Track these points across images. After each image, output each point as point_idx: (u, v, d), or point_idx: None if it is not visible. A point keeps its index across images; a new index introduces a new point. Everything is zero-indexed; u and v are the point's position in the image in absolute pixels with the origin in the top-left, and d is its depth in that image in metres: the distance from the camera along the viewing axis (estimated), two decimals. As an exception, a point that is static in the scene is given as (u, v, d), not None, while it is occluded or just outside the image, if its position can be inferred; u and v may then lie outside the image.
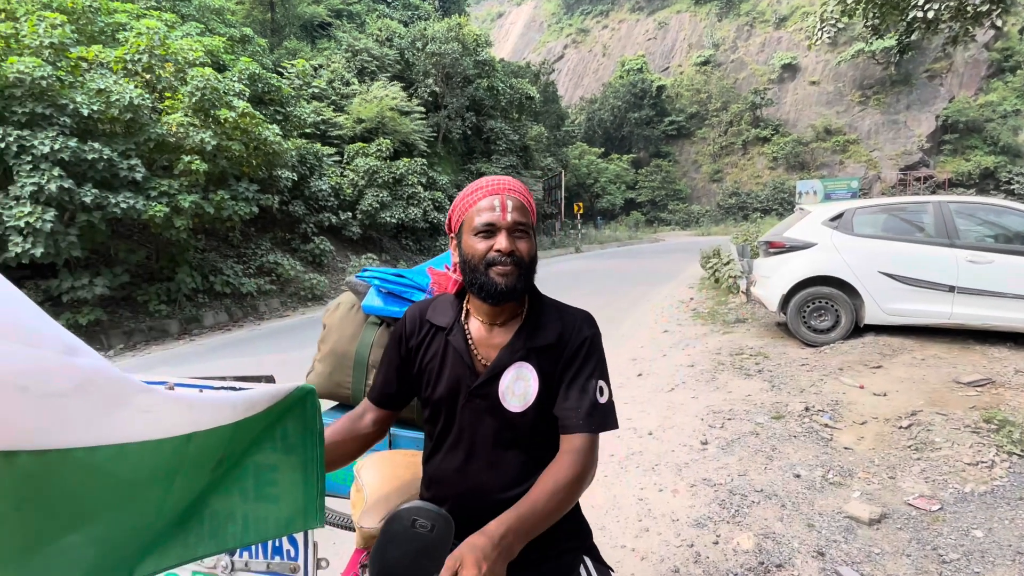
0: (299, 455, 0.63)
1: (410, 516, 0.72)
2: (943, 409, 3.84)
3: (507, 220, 1.06)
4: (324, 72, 18.88)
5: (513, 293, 1.06)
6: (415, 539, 0.71)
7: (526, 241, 1.08)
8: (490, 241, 1.06)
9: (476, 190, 1.10)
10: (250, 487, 0.63)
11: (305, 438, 0.63)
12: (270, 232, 13.26)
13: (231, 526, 0.62)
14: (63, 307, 7.83)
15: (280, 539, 0.72)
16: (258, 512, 0.62)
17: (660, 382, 5.15)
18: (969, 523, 2.56)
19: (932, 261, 5.40)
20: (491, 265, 1.05)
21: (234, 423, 0.57)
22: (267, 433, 0.62)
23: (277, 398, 0.59)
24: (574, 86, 64.87)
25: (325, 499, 0.65)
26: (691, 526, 2.74)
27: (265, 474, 0.63)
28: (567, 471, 0.97)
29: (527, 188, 1.15)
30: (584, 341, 1.11)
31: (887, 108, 47.00)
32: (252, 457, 0.62)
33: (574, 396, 1.06)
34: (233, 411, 0.57)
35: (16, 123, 7.06)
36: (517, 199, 1.09)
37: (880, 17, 7.84)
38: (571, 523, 1.19)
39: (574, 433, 1.03)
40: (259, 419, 0.59)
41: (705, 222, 45.69)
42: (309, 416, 0.63)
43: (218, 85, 9.05)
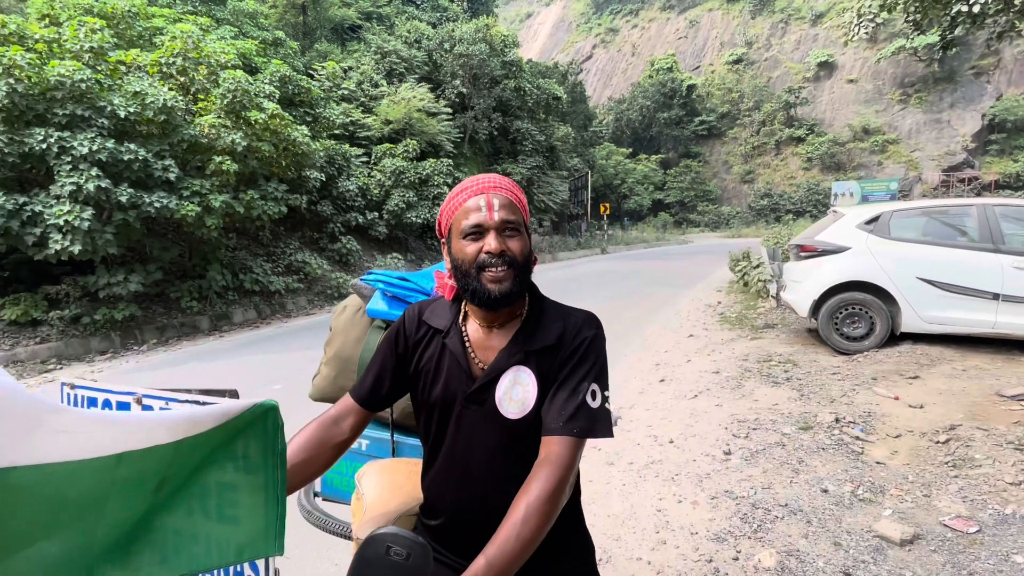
0: (260, 476, 0.60)
1: (384, 543, 0.68)
2: (984, 424, 3.64)
3: (495, 219, 1.00)
4: (353, 74, 19.14)
5: (509, 298, 1.01)
6: (389, 567, 0.68)
7: (518, 240, 1.02)
8: (479, 243, 1.01)
9: (461, 191, 1.05)
10: (212, 507, 0.60)
11: (266, 458, 0.60)
12: (299, 231, 13.49)
13: (193, 547, 0.59)
14: (100, 303, 8.09)
15: (241, 565, 0.69)
16: (220, 534, 0.60)
17: (683, 388, 5.03)
18: (1009, 547, 2.40)
19: (975, 267, 5.15)
20: (482, 269, 1.00)
21: (173, 443, 0.54)
22: (226, 451, 0.59)
23: (226, 417, 0.56)
24: (602, 86, 64.43)
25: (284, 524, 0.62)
26: (710, 540, 2.64)
27: (227, 494, 0.60)
28: (540, 487, 0.89)
29: (516, 184, 1.09)
30: (583, 342, 1.04)
31: (929, 107, 45.35)
32: (212, 475, 0.59)
33: (562, 397, 1.00)
34: (169, 430, 0.54)
35: (57, 124, 7.32)
36: (504, 196, 1.03)
37: (922, 12, 7.51)
38: (572, 539, 1.13)
39: (553, 435, 0.96)
40: (208, 438, 0.56)
41: (735, 224, 44.86)
42: (270, 435, 0.60)
43: (249, 87, 9.22)
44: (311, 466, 1.04)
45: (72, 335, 7.69)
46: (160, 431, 0.54)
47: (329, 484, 1.56)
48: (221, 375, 6.19)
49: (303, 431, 1.07)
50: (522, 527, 0.84)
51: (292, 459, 1.01)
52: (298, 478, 1.02)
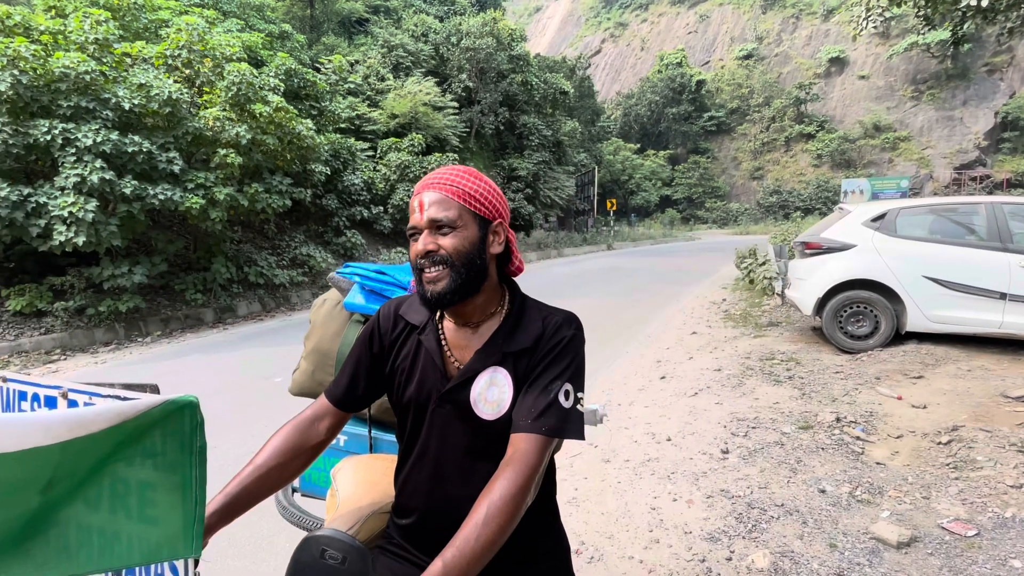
0: (177, 475, 0.57)
1: (319, 545, 0.65)
2: (988, 425, 3.58)
3: (423, 220, 0.98)
4: (360, 67, 19.11)
5: (444, 298, 0.98)
6: (324, 571, 0.65)
7: (452, 236, 0.97)
8: (416, 245, 1.00)
9: (414, 194, 1.03)
10: (133, 505, 0.57)
11: (183, 456, 0.57)
12: (303, 225, 13.51)
13: (115, 545, 0.57)
14: (104, 294, 8.13)
15: (162, 567, 0.66)
16: (141, 533, 0.57)
17: (684, 386, 4.99)
18: (1008, 552, 2.36)
19: (982, 266, 5.07)
20: (421, 270, 0.99)
21: (58, 444, 0.51)
22: (138, 447, 0.56)
23: (126, 416, 0.53)
24: (611, 81, 64.07)
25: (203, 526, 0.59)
26: (704, 540, 2.61)
27: (146, 493, 0.57)
28: (503, 487, 0.86)
29: (470, 173, 1.02)
30: (561, 341, 1.01)
31: (942, 104, 44.79)
32: (130, 473, 0.57)
33: (533, 394, 0.97)
34: (47, 433, 0.51)
35: (62, 116, 7.34)
36: (437, 192, 0.98)
37: (931, 6, 7.36)
38: (548, 540, 1.11)
39: (521, 433, 0.93)
40: (104, 437, 0.53)
41: (744, 221, 44.57)
42: (187, 432, 0.57)
43: (254, 80, 9.22)
44: (287, 469, 1.02)
45: (77, 326, 7.73)
46: (36, 434, 0.51)
47: (307, 479, 1.55)
48: (224, 367, 6.21)
49: (279, 433, 1.05)
50: (482, 528, 0.81)
51: (268, 462, 0.99)
52: (274, 480, 1.00)
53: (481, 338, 1.04)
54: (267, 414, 4.34)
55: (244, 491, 0.95)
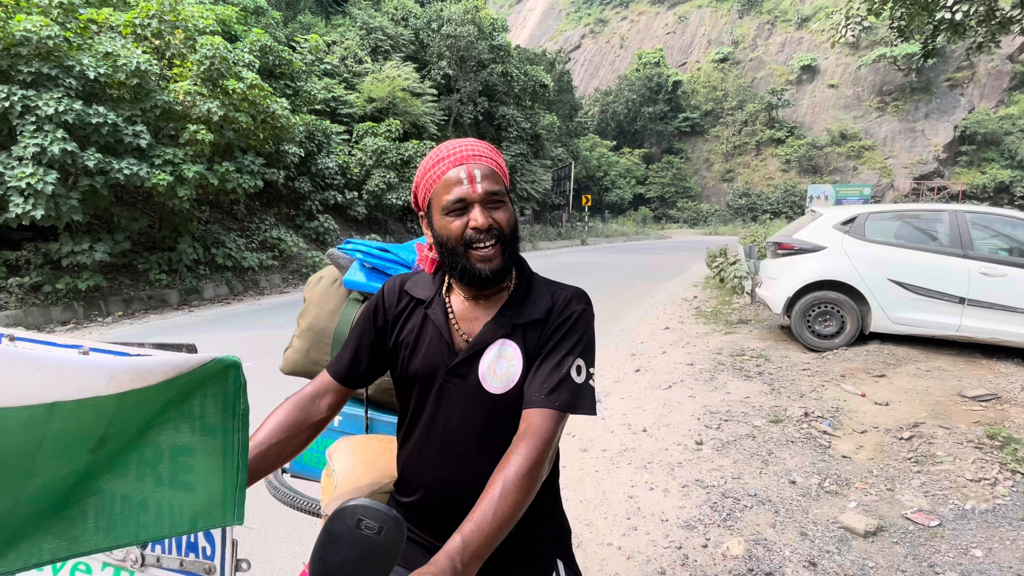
0: (219, 439, 0.54)
1: (355, 515, 0.63)
2: (946, 422, 3.74)
3: (478, 192, 0.94)
4: (337, 49, 18.68)
5: (500, 275, 0.97)
6: (360, 541, 0.63)
7: (503, 211, 0.97)
8: (464, 218, 0.95)
9: (439, 161, 0.97)
10: (164, 471, 0.54)
11: (225, 419, 0.54)
12: (274, 207, 13.18)
13: (142, 515, 0.53)
14: (63, 271, 7.79)
15: (196, 535, 0.63)
16: (173, 501, 0.54)
17: (658, 379, 5.07)
18: (968, 541, 2.47)
19: (944, 271, 5.28)
20: (470, 246, 0.95)
21: (115, 395, 0.48)
22: (179, 410, 0.53)
23: (181, 369, 0.50)
24: (589, 77, 64.27)
25: (246, 493, 0.56)
26: (680, 527, 2.66)
27: (181, 458, 0.54)
28: (519, 462, 0.84)
29: (494, 148, 1.02)
30: (571, 315, 1.00)
31: (905, 115, 46.40)
32: (165, 437, 0.53)
33: (545, 370, 0.95)
34: (110, 381, 0.47)
35: (21, 83, 6.97)
36: (486, 165, 0.96)
37: (907, 18, 7.62)
38: (552, 524, 1.11)
39: (534, 408, 0.92)
40: (157, 392, 0.50)
41: (713, 221, 45.40)
42: (231, 394, 0.54)
43: (227, 55, 8.91)
44: (287, 446, 0.99)
45: (32, 303, 7.39)
46: (99, 381, 0.47)
47: (298, 460, 1.51)
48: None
49: (279, 410, 1.01)
50: (500, 503, 0.80)
51: (268, 439, 0.96)
52: (273, 458, 0.97)
53: (490, 311, 1.02)
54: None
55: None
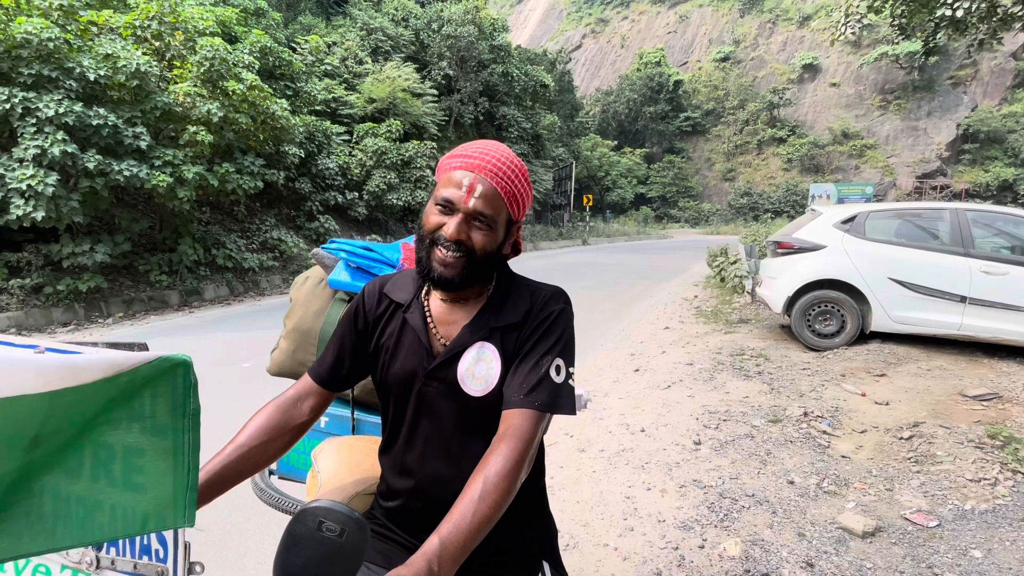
0: (168, 439, 0.53)
1: (316, 517, 0.62)
2: (947, 422, 3.72)
3: (467, 205, 0.93)
4: (337, 49, 18.70)
5: (449, 283, 0.95)
6: (322, 543, 0.62)
7: (484, 234, 0.95)
8: (444, 218, 0.94)
9: (460, 155, 0.97)
10: (117, 472, 0.53)
11: (175, 419, 0.53)
12: (275, 208, 13.19)
13: (97, 515, 0.52)
14: (63, 272, 7.80)
15: (149, 537, 0.62)
16: (126, 502, 0.53)
17: (657, 379, 5.05)
18: (968, 542, 2.45)
19: (945, 270, 5.25)
20: (435, 244, 0.95)
21: (47, 393, 0.47)
22: (127, 409, 0.52)
23: (120, 368, 0.49)
24: (590, 76, 64.25)
25: (196, 494, 0.55)
26: (677, 528, 2.65)
27: (132, 459, 0.53)
28: (499, 463, 0.84)
29: (520, 170, 0.98)
30: (549, 315, 0.99)
31: (907, 114, 46.27)
32: (116, 437, 0.52)
33: (524, 370, 0.95)
34: (40, 378, 0.46)
35: (22, 84, 6.99)
36: (492, 186, 0.94)
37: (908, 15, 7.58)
38: (538, 525, 1.10)
39: (513, 408, 0.91)
40: (95, 390, 0.49)
41: (715, 221, 45.34)
42: (180, 393, 0.53)
43: (227, 56, 8.92)
44: (269, 449, 0.98)
45: (33, 305, 7.40)
46: (27, 378, 0.46)
47: (285, 461, 1.50)
48: (190, 351, 5.92)
49: (260, 412, 1.01)
50: (479, 504, 0.79)
51: (249, 442, 0.96)
52: (255, 461, 0.96)
53: (468, 314, 1.01)
54: (237, 399, 4.22)
55: (225, 470, 0.91)
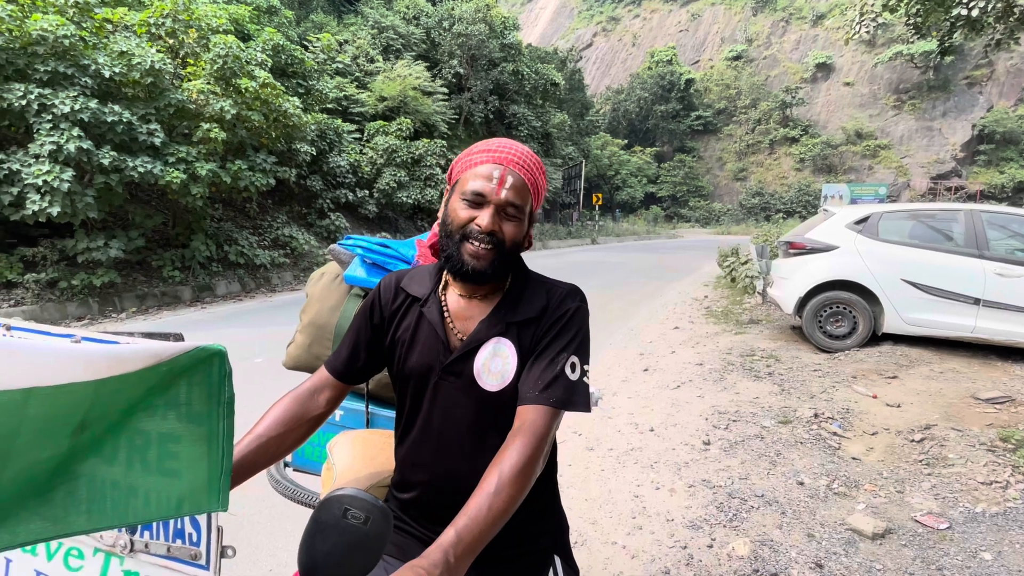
0: (204, 426, 0.55)
1: (342, 505, 0.64)
2: (959, 425, 3.69)
3: (500, 196, 0.95)
4: (349, 48, 18.78)
5: (480, 276, 0.97)
6: (347, 531, 0.63)
7: (515, 225, 0.98)
8: (475, 212, 0.96)
9: (482, 151, 0.99)
10: (152, 459, 0.55)
11: (211, 407, 0.55)
12: (286, 205, 13.29)
13: (132, 500, 0.55)
14: (78, 267, 7.90)
15: (182, 521, 0.64)
16: (161, 488, 0.55)
17: (666, 379, 5.04)
18: (978, 544, 2.44)
19: (959, 272, 5.20)
20: (466, 238, 0.96)
21: (93, 381, 0.49)
22: (164, 396, 0.54)
23: (160, 357, 0.51)
24: (601, 75, 64.05)
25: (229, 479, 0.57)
26: (686, 527, 2.65)
27: (168, 445, 0.55)
28: (514, 457, 0.85)
29: (540, 165, 1.03)
30: (565, 313, 1.01)
31: (922, 114, 45.74)
32: (152, 424, 0.55)
33: (540, 367, 0.96)
34: (87, 367, 0.48)
35: (38, 81, 7.09)
36: (520, 177, 0.98)
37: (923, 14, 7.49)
38: (550, 520, 1.11)
39: (528, 404, 0.93)
40: (138, 379, 0.51)
41: (726, 221, 45.09)
42: (216, 382, 0.55)
43: (240, 54, 8.99)
44: (286, 440, 1.00)
45: (48, 299, 7.51)
46: (76, 367, 0.49)
47: (300, 454, 1.52)
48: (200, 346, 6.09)
49: (278, 404, 1.03)
50: (494, 498, 0.80)
51: (266, 433, 0.97)
52: (272, 452, 0.98)
53: (484, 309, 1.03)
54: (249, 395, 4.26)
55: (243, 460, 0.92)
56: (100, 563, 0.68)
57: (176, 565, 0.65)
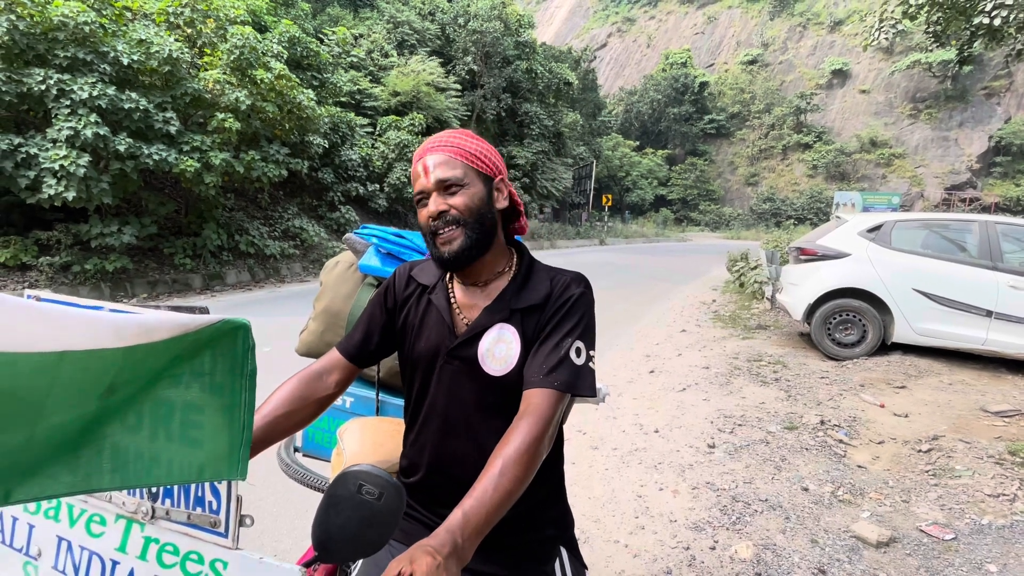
0: (226, 397, 0.57)
1: (357, 480, 0.65)
2: (967, 437, 3.66)
3: (430, 182, 0.98)
4: (364, 42, 18.83)
5: (461, 256, 0.98)
6: (361, 506, 0.65)
7: (461, 194, 0.98)
8: (426, 208, 1.00)
9: (414, 159, 1.03)
10: (175, 428, 0.57)
11: (234, 378, 0.57)
12: (298, 197, 13.36)
13: (155, 468, 0.57)
14: (91, 252, 7.99)
15: (203, 489, 0.66)
16: (183, 456, 0.57)
17: (672, 381, 5.03)
18: (983, 556, 2.42)
19: (971, 283, 5.15)
20: (433, 234, 0.99)
21: (122, 348, 0.51)
22: (189, 366, 0.56)
23: (187, 328, 0.52)
24: (615, 76, 63.86)
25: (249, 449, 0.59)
26: (689, 529, 2.65)
27: (191, 415, 0.57)
28: (519, 439, 0.86)
29: (465, 134, 1.03)
30: (570, 299, 1.02)
31: (938, 124, 45.27)
32: (177, 394, 0.56)
33: (545, 351, 0.97)
34: (116, 334, 0.51)
35: (58, 66, 7.16)
36: (441, 154, 0.99)
37: (943, 22, 7.42)
38: (556, 510, 1.12)
39: (534, 388, 0.94)
40: (164, 348, 0.53)
41: (736, 225, 44.85)
42: (239, 354, 0.56)
43: (257, 45, 9.05)
44: (293, 419, 1.01)
45: (61, 282, 7.60)
46: (106, 334, 0.51)
47: (311, 439, 1.54)
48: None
49: (287, 383, 1.04)
50: (500, 479, 0.81)
51: (274, 411, 0.98)
52: (279, 430, 0.99)
53: (489, 296, 1.04)
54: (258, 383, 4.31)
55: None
56: (121, 529, 0.70)
57: (196, 532, 0.67)
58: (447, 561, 0.69)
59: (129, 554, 0.68)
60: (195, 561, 0.67)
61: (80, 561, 0.70)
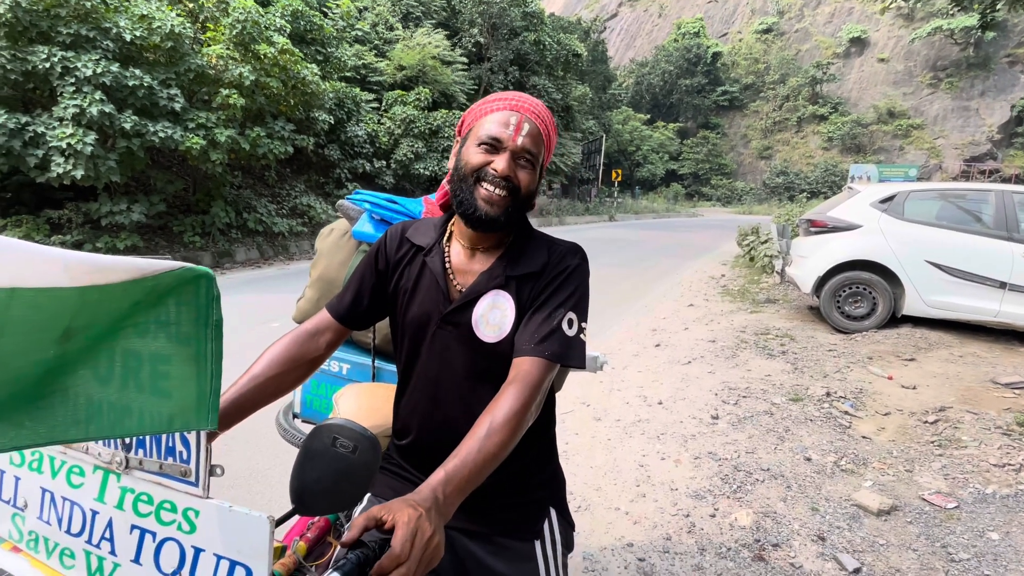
0: (192, 347, 0.57)
1: (331, 434, 0.65)
2: (975, 408, 3.63)
3: (516, 142, 0.96)
4: (369, 15, 18.52)
5: (492, 223, 0.97)
6: (336, 459, 0.65)
7: (528, 172, 0.98)
8: (491, 156, 0.96)
9: (497, 100, 1.00)
10: (145, 379, 0.57)
11: (199, 328, 0.56)
12: (304, 175, 13.34)
13: (126, 419, 0.57)
14: (102, 230, 8.07)
15: (173, 440, 0.67)
16: (153, 407, 0.57)
17: (678, 354, 5.03)
18: (986, 524, 2.42)
19: (986, 254, 5.05)
20: (480, 180, 0.96)
21: (76, 288, 0.50)
22: (152, 314, 0.56)
23: (144, 272, 0.52)
24: (625, 47, 62.52)
25: (220, 400, 0.59)
26: (689, 497, 2.67)
27: (159, 366, 0.57)
28: (506, 405, 0.86)
29: (553, 119, 1.03)
30: (565, 269, 1.01)
31: (959, 93, 44.00)
32: (143, 344, 0.56)
33: (537, 320, 0.97)
34: (67, 272, 0.50)
35: (61, 44, 7.13)
36: (536, 126, 0.98)
37: (964, -14, 7.15)
38: (545, 471, 1.12)
39: (524, 356, 0.93)
40: (122, 291, 0.52)
41: (748, 200, 44.26)
42: (203, 304, 0.56)
43: (259, 19, 8.94)
44: (284, 380, 1.01)
45: (73, 261, 7.69)
46: (56, 270, 0.50)
47: (308, 405, 1.56)
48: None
49: (277, 344, 1.04)
50: (484, 441, 0.82)
51: (265, 372, 0.98)
52: (271, 391, 0.99)
53: (485, 262, 1.03)
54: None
55: (241, 399, 0.94)
56: (99, 480, 0.71)
57: (168, 481, 0.68)
58: (428, 513, 0.70)
59: (107, 504, 0.70)
60: (168, 510, 0.68)
61: (63, 512, 0.72)
